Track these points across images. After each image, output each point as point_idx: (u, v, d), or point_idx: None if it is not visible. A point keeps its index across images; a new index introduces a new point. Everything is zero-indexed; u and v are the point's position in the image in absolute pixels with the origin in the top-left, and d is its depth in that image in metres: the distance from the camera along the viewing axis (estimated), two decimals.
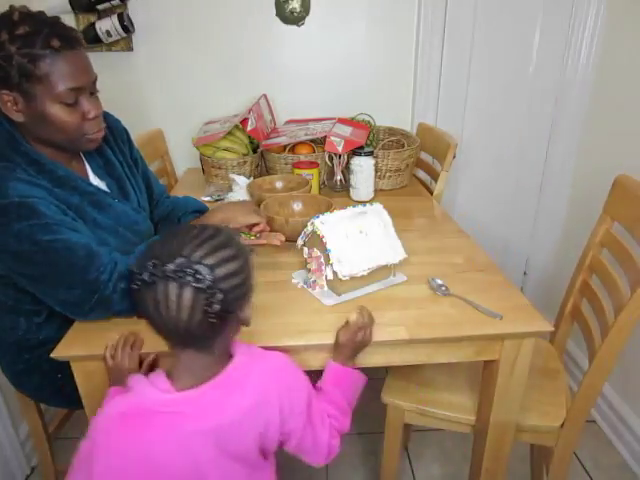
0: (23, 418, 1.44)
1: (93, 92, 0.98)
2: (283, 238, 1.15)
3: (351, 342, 0.89)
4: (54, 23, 0.90)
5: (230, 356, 0.74)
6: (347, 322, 0.90)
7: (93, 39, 1.71)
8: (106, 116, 1.14)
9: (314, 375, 0.89)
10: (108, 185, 1.09)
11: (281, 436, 0.77)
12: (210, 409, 0.69)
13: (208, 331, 0.67)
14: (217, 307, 0.65)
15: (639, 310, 1.00)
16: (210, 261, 0.65)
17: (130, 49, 1.81)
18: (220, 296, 0.65)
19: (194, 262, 0.64)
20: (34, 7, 0.92)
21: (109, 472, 0.68)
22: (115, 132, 1.15)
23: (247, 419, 0.71)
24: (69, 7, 1.69)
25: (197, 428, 0.68)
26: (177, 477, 0.69)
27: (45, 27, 0.87)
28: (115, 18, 1.68)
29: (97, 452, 0.68)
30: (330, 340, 0.91)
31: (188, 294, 0.64)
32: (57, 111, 0.91)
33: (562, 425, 1.12)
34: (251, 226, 1.17)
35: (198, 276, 0.63)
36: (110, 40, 1.73)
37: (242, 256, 0.70)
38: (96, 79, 0.98)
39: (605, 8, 1.73)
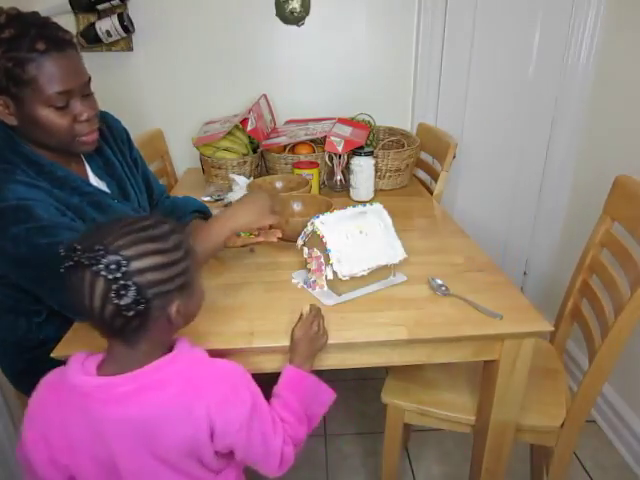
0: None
1: (88, 93, 0.96)
2: (280, 234, 1.13)
3: (307, 336, 0.87)
4: (43, 24, 0.88)
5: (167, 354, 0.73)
6: (301, 316, 0.90)
7: (93, 39, 1.71)
8: (106, 116, 1.14)
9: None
10: (108, 185, 1.09)
11: (221, 449, 0.74)
12: (119, 400, 0.68)
13: (125, 324, 0.66)
14: (128, 300, 0.63)
15: (639, 310, 1.00)
16: (128, 252, 0.64)
17: (130, 49, 1.81)
18: (133, 289, 0.63)
19: (110, 252, 0.63)
20: (35, 7, 0.92)
21: (34, 436, 0.73)
22: (115, 132, 1.15)
23: (167, 421, 0.69)
24: (69, 7, 1.69)
25: (106, 414, 0.69)
26: (90, 456, 0.71)
27: (32, 29, 0.85)
28: (115, 18, 1.68)
29: (26, 415, 0.74)
30: (330, 340, 0.91)
31: (100, 284, 0.63)
32: (48, 114, 0.90)
33: (562, 425, 1.12)
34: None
35: (111, 266, 0.62)
36: (110, 40, 1.73)
37: (175, 251, 0.69)
38: (89, 80, 0.96)
39: (605, 8, 1.73)
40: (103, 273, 0.62)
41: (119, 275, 0.63)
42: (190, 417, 0.70)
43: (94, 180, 1.07)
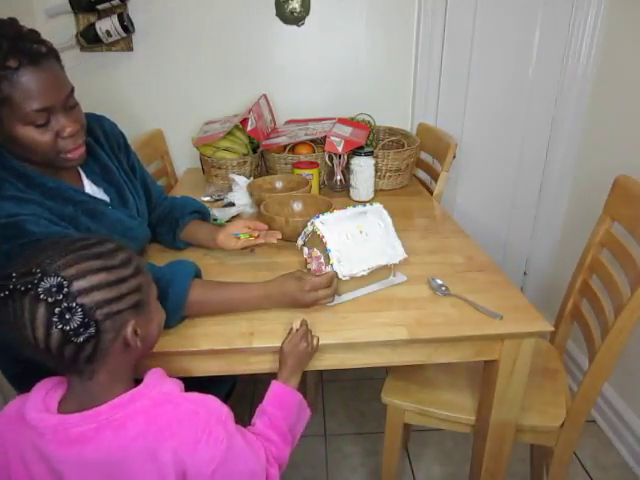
0: None
1: (72, 105, 0.90)
2: (280, 235, 1.13)
3: (296, 350, 0.87)
4: (16, 36, 0.82)
5: (134, 386, 0.68)
6: (291, 330, 0.89)
7: (93, 39, 1.71)
8: (102, 120, 1.12)
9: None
10: (106, 191, 1.07)
11: None
12: (75, 441, 0.63)
13: (76, 353, 0.61)
14: (74, 324, 0.58)
15: (639, 310, 1.00)
16: (70, 272, 0.59)
17: (130, 49, 1.81)
18: (79, 312, 0.58)
19: (49, 273, 0.58)
20: (34, 7, 0.92)
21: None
22: (111, 137, 1.12)
23: (129, 466, 0.64)
24: (69, 7, 1.69)
25: (62, 456, 0.64)
26: None
27: (4, 42, 0.79)
28: (115, 18, 1.68)
29: None
30: (330, 340, 0.92)
31: (41, 310, 0.58)
32: (27, 133, 0.85)
33: (562, 425, 1.12)
34: (251, 227, 1.17)
35: (52, 289, 0.57)
36: (110, 40, 1.73)
37: (123, 268, 0.64)
38: (72, 92, 0.90)
39: (605, 8, 1.73)
40: (42, 297, 0.57)
41: (60, 297, 0.58)
42: (155, 462, 0.64)
43: (89, 187, 1.05)
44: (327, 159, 1.66)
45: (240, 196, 1.51)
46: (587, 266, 1.24)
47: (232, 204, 1.50)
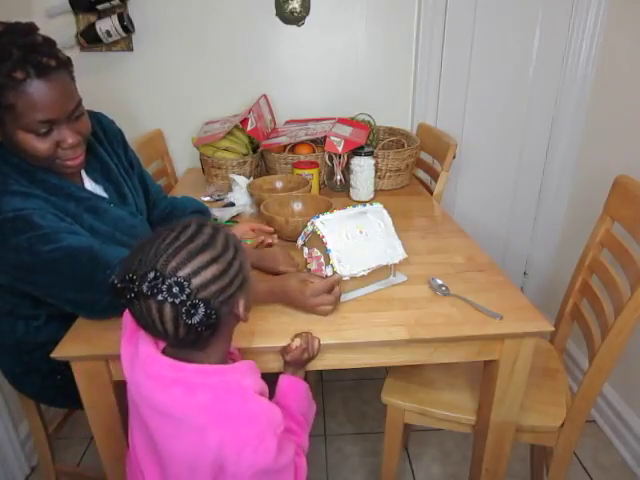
0: (23, 418, 1.45)
1: (78, 115, 0.91)
2: (276, 240, 1.19)
3: (298, 361, 0.89)
4: (30, 46, 0.82)
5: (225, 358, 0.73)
6: (290, 344, 0.88)
7: (93, 39, 1.71)
8: (100, 117, 1.13)
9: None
10: (105, 189, 1.07)
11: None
12: (149, 377, 0.70)
13: (198, 337, 0.65)
14: (199, 317, 0.62)
15: (639, 310, 1.00)
16: (186, 271, 0.62)
17: (130, 49, 1.81)
18: (201, 306, 0.62)
19: (168, 275, 0.61)
20: (35, 8, 0.92)
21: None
22: (109, 134, 1.13)
23: (180, 424, 0.68)
24: (69, 7, 1.69)
25: (144, 389, 0.70)
26: (138, 422, 0.74)
27: (16, 52, 0.79)
28: (115, 18, 1.68)
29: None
30: (330, 340, 0.92)
31: (167, 309, 0.62)
32: (27, 139, 0.86)
33: (562, 425, 1.12)
34: (256, 230, 1.21)
35: (174, 290, 0.61)
36: (110, 40, 1.73)
37: (226, 253, 0.67)
38: (79, 104, 0.91)
39: (605, 8, 1.73)
40: (169, 300, 0.61)
41: (184, 297, 0.61)
42: (199, 439, 0.67)
43: (89, 184, 1.05)
44: (327, 159, 1.66)
45: (240, 196, 1.51)
46: (587, 266, 1.24)
47: (232, 204, 1.50)
